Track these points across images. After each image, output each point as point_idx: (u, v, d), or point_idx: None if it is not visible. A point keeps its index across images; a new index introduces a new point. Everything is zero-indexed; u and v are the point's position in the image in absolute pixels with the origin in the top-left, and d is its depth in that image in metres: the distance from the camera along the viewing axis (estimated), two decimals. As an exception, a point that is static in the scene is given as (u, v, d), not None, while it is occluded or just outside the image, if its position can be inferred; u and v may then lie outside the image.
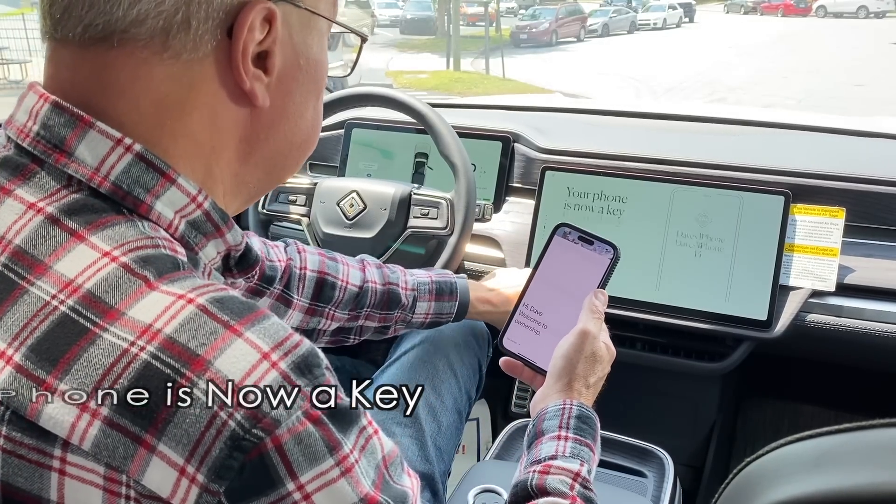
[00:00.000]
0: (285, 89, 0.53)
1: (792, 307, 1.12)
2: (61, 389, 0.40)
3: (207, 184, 0.51)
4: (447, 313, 0.99)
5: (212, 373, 0.40)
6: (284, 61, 0.52)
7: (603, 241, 0.79)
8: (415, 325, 0.98)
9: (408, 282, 0.97)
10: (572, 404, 0.71)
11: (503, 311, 0.97)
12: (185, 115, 0.49)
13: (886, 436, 0.31)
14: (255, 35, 0.49)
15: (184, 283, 0.43)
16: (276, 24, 0.50)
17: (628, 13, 21.31)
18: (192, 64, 0.48)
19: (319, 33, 0.55)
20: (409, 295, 0.96)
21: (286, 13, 0.51)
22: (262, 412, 0.40)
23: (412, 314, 0.96)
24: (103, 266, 0.43)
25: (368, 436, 0.46)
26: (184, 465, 0.39)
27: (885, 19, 20.52)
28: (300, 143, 0.57)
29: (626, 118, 1.62)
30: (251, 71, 0.50)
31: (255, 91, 0.50)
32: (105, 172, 0.46)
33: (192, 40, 0.47)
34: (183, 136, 0.49)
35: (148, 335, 0.40)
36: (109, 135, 0.47)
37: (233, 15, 0.48)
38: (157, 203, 0.48)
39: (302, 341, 0.44)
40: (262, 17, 0.49)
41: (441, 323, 1.00)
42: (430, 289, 0.97)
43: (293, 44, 0.52)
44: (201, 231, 0.51)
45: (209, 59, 0.48)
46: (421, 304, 0.97)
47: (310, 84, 0.55)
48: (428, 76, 13.37)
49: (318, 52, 0.55)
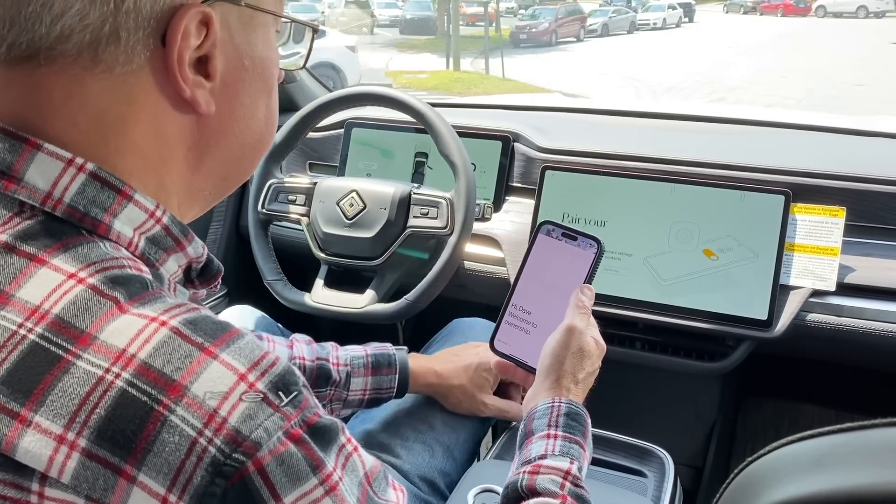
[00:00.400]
0: (231, 93, 0.51)
1: (792, 307, 1.11)
2: (37, 422, 0.38)
3: (161, 196, 0.50)
4: (387, 388, 0.94)
5: (189, 398, 0.39)
6: (227, 64, 0.50)
7: (586, 237, 0.79)
8: (353, 403, 0.93)
9: (339, 357, 0.93)
10: (561, 402, 0.71)
11: (450, 384, 0.95)
12: (128, 130, 0.47)
13: (888, 435, 0.31)
14: (190, 41, 0.47)
15: (155, 304, 0.42)
16: (214, 27, 0.48)
17: (628, 13, 21.31)
18: (127, 76, 0.46)
19: (264, 29, 0.53)
20: (341, 370, 0.91)
21: (225, 14, 0.49)
22: (242, 436, 0.39)
23: (347, 391, 0.92)
24: (70, 288, 0.41)
25: (348, 453, 0.45)
26: (165, 495, 0.38)
27: (885, 19, 20.52)
28: (254, 143, 0.55)
29: (626, 118, 1.61)
30: (190, 78, 0.48)
31: (196, 98, 0.48)
32: (59, 195, 0.44)
33: (124, 52, 0.45)
34: (129, 150, 0.48)
35: (122, 361, 0.39)
36: (60, 156, 0.45)
37: (164, 22, 0.46)
38: (116, 222, 0.46)
39: (278, 360, 0.43)
40: (198, 21, 0.47)
41: (383, 399, 0.95)
42: (364, 363, 0.93)
43: (235, 45, 0.50)
44: (161, 246, 0.49)
45: (145, 69, 0.46)
46: (356, 379, 0.92)
47: (258, 83, 0.53)
48: (428, 76, 13.37)
49: (263, 49, 0.53)
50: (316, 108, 1.29)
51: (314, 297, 1.24)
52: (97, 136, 0.46)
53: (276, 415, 0.40)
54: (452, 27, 15.05)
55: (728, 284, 1.15)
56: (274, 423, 0.40)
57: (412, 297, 1.18)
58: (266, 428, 0.40)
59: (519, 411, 0.97)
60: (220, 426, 0.39)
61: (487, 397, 0.96)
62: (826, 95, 10.25)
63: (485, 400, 0.96)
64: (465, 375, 0.95)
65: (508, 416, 0.98)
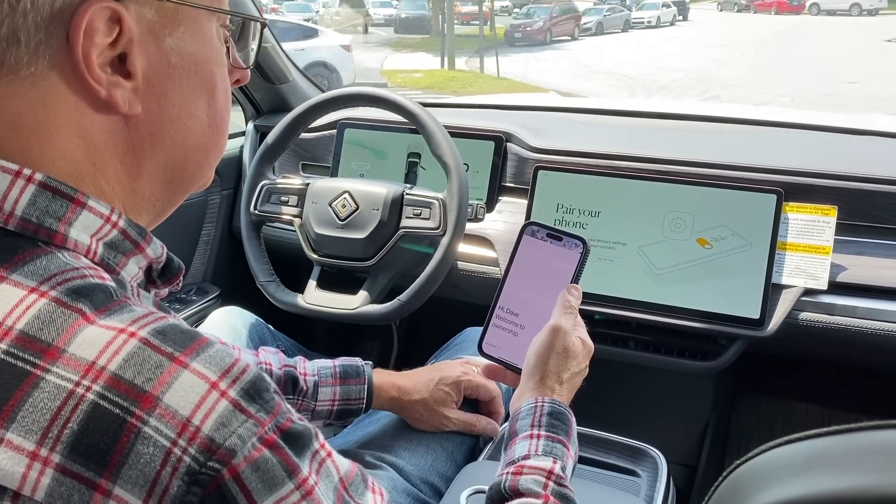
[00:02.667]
0: (159, 92, 0.49)
1: (784, 305, 1.12)
2: (8, 439, 0.38)
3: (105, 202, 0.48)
4: (356, 398, 0.91)
5: (161, 408, 0.39)
6: (149, 62, 0.48)
7: (571, 236, 0.79)
8: (321, 414, 0.91)
9: (307, 367, 0.91)
10: (544, 402, 0.71)
11: (411, 398, 0.94)
12: (50, 135, 0.45)
13: (874, 438, 0.31)
14: (97, 39, 0.44)
15: (122, 315, 0.42)
16: (128, 24, 0.45)
17: (622, 11, 21.32)
18: (36, 79, 0.44)
19: (194, 24, 0.50)
20: (308, 380, 0.90)
21: (140, 9, 0.46)
22: (216, 444, 0.39)
23: (315, 401, 0.90)
24: (32, 303, 0.40)
25: (322, 459, 0.45)
26: None
27: (878, 16, 20.59)
28: (197, 145, 0.53)
29: (619, 117, 1.62)
30: (105, 78, 0.45)
31: (115, 98, 0.46)
32: (9, 209, 0.43)
33: (27, 54, 0.43)
34: (57, 158, 0.46)
35: (93, 374, 0.39)
36: (6, 168, 0.43)
37: (66, 21, 0.43)
38: (72, 230, 0.45)
39: (248, 366, 0.42)
40: (106, 17, 0.44)
41: (352, 412, 0.92)
42: (332, 373, 0.91)
43: (157, 41, 0.48)
44: (120, 250, 0.48)
45: (53, 71, 0.44)
46: (324, 389, 0.90)
47: (191, 81, 0.51)
48: (422, 75, 13.36)
49: (194, 45, 0.50)
50: (308, 108, 1.29)
51: (307, 298, 1.24)
52: (17, 144, 0.45)
53: (250, 421, 0.40)
54: (447, 26, 15.06)
55: (722, 273, 1.15)
56: (248, 430, 0.40)
57: (405, 298, 1.18)
58: (240, 435, 0.40)
59: (486, 425, 0.97)
60: (193, 435, 0.39)
61: (451, 412, 0.95)
62: (819, 93, 10.28)
63: (447, 414, 0.95)
64: (426, 390, 0.94)
65: (476, 431, 0.97)
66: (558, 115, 1.66)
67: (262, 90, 1.62)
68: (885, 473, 0.29)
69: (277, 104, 1.64)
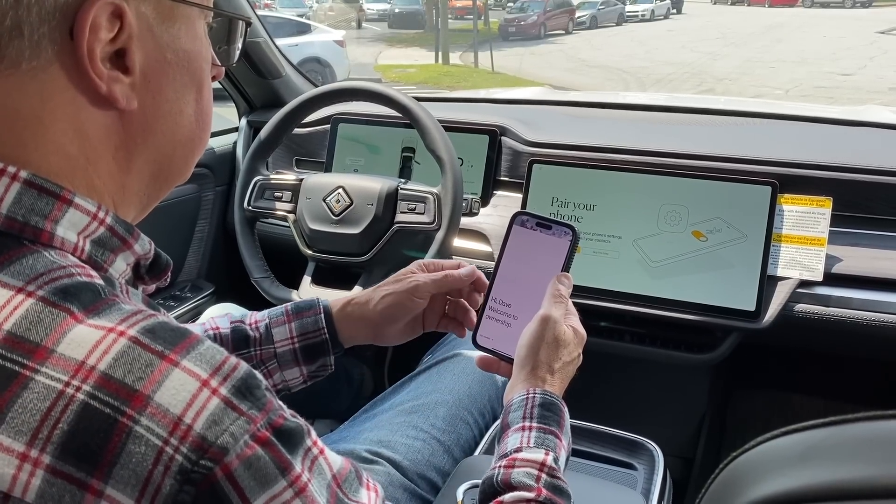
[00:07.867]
0: (154, 87, 0.49)
1: (780, 297, 1.12)
2: None
3: (93, 199, 0.48)
4: (315, 330, 0.84)
5: (153, 407, 0.38)
6: (147, 58, 0.48)
7: (561, 224, 0.78)
8: (286, 357, 0.84)
9: (255, 316, 0.86)
10: (535, 392, 0.70)
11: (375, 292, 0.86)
12: (46, 129, 0.45)
13: (870, 429, 0.31)
14: (100, 34, 0.45)
15: (111, 314, 0.41)
16: (129, 20, 0.46)
17: (616, 5, 21.29)
18: (36, 72, 0.44)
19: (188, 21, 0.51)
20: (260, 326, 0.84)
21: (140, 5, 0.47)
22: (208, 442, 0.39)
23: (272, 345, 0.83)
24: (20, 303, 0.40)
25: (314, 456, 0.45)
26: None
27: (871, 8, 20.62)
28: (184, 140, 0.53)
29: (613, 110, 1.61)
30: (105, 73, 0.46)
31: (114, 93, 0.46)
32: None
33: (29, 47, 0.43)
34: (51, 152, 0.45)
35: (82, 373, 0.38)
36: None
37: (71, 15, 0.44)
38: (58, 228, 0.44)
39: (239, 364, 0.42)
40: (109, 13, 0.45)
41: (317, 346, 0.84)
42: (284, 311, 0.85)
43: (155, 37, 0.49)
44: (108, 247, 0.48)
45: (55, 65, 0.44)
46: (277, 329, 0.84)
47: (184, 77, 0.51)
48: (417, 70, 13.34)
49: (188, 42, 0.51)
50: (301, 103, 1.28)
51: (302, 294, 1.23)
52: (13, 137, 0.44)
53: (242, 419, 0.40)
54: (441, 21, 15.05)
55: (717, 266, 1.15)
56: (240, 428, 0.40)
57: (400, 293, 1.17)
58: (232, 432, 0.39)
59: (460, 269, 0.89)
60: (185, 434, 0.38)
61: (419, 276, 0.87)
62: (813, 85, 10.30)
63: (416, 279, 0.87)
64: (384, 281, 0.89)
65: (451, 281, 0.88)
66: (553, 108, 1.66)
67: (255, 86, 1.61)
68: (881, 464, 0.29)
69: (270, 100, 1.63)
